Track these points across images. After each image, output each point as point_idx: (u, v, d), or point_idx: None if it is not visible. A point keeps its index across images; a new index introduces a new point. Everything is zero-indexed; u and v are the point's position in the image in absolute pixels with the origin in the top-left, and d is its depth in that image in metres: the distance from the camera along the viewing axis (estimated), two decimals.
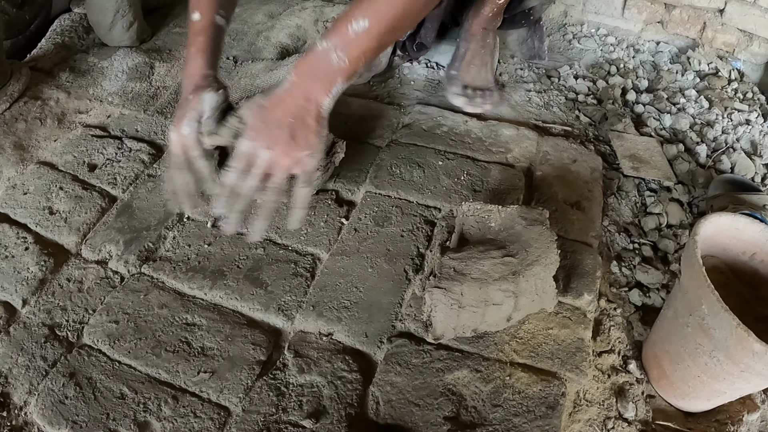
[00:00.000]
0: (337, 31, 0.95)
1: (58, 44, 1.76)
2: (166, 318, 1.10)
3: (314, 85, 0.96)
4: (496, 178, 1.36)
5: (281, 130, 0.96)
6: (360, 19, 0.93)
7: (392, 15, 0.95)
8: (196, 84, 1.09)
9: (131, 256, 1.20)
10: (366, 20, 0.93)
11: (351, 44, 0.95)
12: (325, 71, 0.96)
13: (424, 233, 1.23)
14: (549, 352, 1.06)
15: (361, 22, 0.93)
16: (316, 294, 1.13)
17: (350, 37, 0.94)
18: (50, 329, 1.11)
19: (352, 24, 0.93)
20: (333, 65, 0.95)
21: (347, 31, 0.94)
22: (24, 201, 1.33)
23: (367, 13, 0.94)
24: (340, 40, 0.95)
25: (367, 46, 0.96)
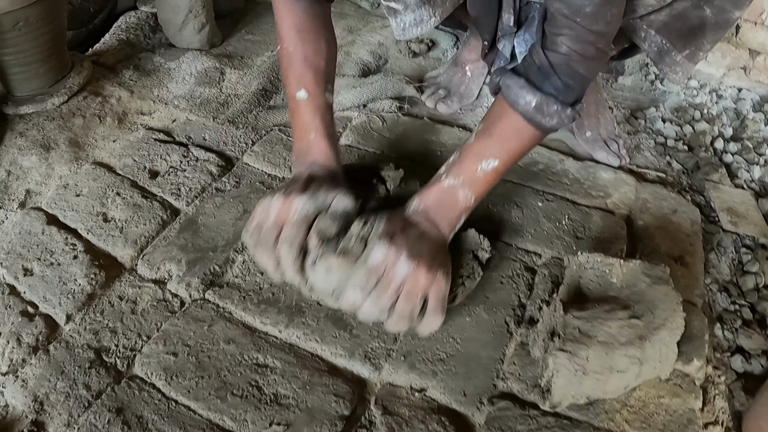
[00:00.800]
0: (464, 169, 0.94)
1: (122, 41, 1.62)
2: (234, 356, 0.92)
3: (440, 218, 0.94)
4: (598, 225, 1.19)
5: (422, 241, 0.90)
6: (491, 159, 0.93)
7: (519, 154, 0.97)
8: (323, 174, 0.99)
9: (194, 278, 1.03)
10: (496, 161, 0.93)
11: (479, 183, 0.94)
12: (451, 207, 0.95)
13: (525, 281, 1.05)
14: (661, 423, 0.88)
15: (492, 163, 0.93)
16: (408, 342, 0.94)
17: (478, 176, 0.94)
18: (96, 353, 0.94)
19: (482, 164, 0.93)
20: (459, 203, 0.94)
21: (476, 171, 0.94)
22: (76, 204, 1.17)
23: (498, 153, 0.94)
24: (468, 179, 0.94)
25: (490, 185, 0.96)
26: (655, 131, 1.62)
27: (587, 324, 0.88)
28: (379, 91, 1.37)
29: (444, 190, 0.94)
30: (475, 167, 0.93)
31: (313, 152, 1.01)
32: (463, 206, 0.95)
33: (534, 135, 0.95)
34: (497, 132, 0.95)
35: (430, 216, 0.93)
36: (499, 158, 0.93)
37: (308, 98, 1.02)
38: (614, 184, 1.30)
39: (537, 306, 1.01)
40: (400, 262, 0.86)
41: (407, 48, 1.54)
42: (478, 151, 0.94)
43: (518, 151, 0.96)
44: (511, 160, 0.96)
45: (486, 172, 0.94)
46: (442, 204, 0.94)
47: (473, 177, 0.94)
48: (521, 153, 0.97)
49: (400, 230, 0.90)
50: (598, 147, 1.36)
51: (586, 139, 1.38)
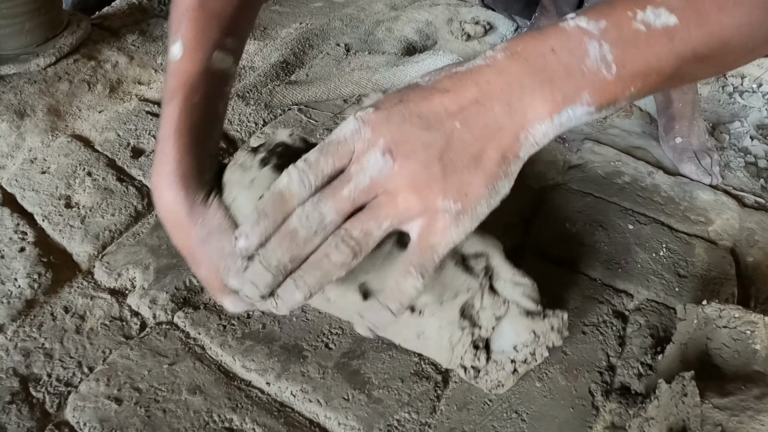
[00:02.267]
0: (612, 11, 0.45)
1: (133, 5, 1.32)
2: (199, 413, 0.60)
3: (536, 82, 0.44)
4: (703, 260, 0.84)
5: (432, 135, 0.44)
6: (662, 7, 0.44)
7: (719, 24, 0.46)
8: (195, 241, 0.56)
9: (162, 293, 0.71)
10: (671, 15, 0.44)
11: (632, 42, 0.45)
12: (568, 69, 0.44)
13: (614, 332, 0.71)
14: None
15: (663, 15, 0.44)
16: (452, 414, 0.61)
17: (634, 30, 0.44)
18: (23, 383, 0.64)
19: (647, 11, 0.44)
20: (588, 64, 0.44)
21: (631, 20, 0.44)
22: (39, 183, 0.87)
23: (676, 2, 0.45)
24: (614, 29, 0.44)
25: (656, 62, 0.45)
26: (742, 149, 1.28)
27: (733, 419, 0.53)
28: (427, 72, 1.04)
29: (566, 36, 0.45)
30: (631, 13, 0.45)
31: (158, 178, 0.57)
32: (593, 74, 0.44)
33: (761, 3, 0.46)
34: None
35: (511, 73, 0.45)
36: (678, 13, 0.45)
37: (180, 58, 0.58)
38: (715, 207, 0.96)
39: (635, 371, 0.67)
40: (372, 150, 0.44)
41: (461, 29, 1.22)
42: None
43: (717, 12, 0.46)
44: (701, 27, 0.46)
45: (651, 28, 0.45)
46: (551, 59, 0.44)
47: (624, 28, 0.45)
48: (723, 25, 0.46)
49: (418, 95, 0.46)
50: (687, 158, 1.02)
51: (674, 146, 1.04)
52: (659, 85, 0.47)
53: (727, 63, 0.53)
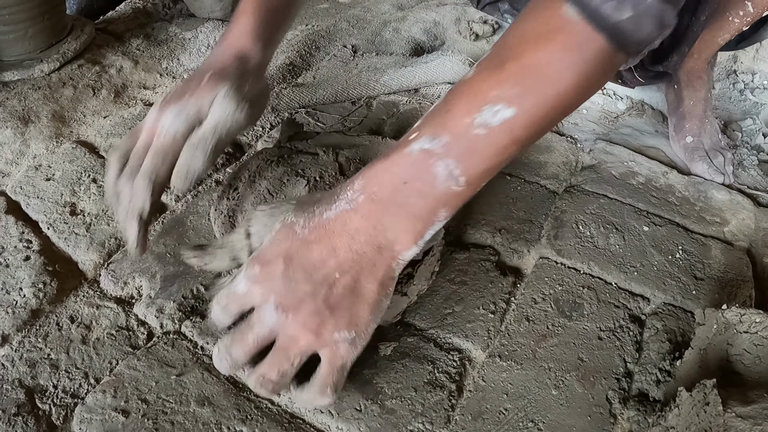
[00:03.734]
0: (452, 122, 0.49)
1: (137, 9, 1.32)
2: (207, 425, 0.59)
3: (397, 219, 0.50)
4: (719, 262, 0.82)
5: (315, 287, 0.51)
6: (500, 104, 0.47)
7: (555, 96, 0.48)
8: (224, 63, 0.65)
9: (169, 302, 0.70)
10: (510, 108, 0.47)
11: (477, 151, 0.49)
12: (422, 196, 0.50)
13: (631, 337, 0.70)
14: None
15: (501, 110, 0.47)
16: (466, 424, 0.60)
17: (476, 135, 0.48)
18: (29, 395, 0.63)
19: (483, 112, 0.47)
20: (438, 187, 0.49)
21: (471, 126, 0.48)
22: (44, 190, 0.86)
23: (513, 92, 0.48)
24: (456, 142, 0.49)
25: (501, 156, 0.50)
26: (755, 147, 1.26)
27: (756, 428, 0.52)
28: (435, 73, 1.03)
29: (412, 163, 0.50)
30: (468, 121, 0.48)
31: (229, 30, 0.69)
32: (444, 193, 0.50)
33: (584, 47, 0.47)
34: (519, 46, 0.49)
35: (373, 216, 0.50)
36: (515, 103, 0.48)
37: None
38: (730, 207, 0.94)
39: (653, 378, 0.66)
40: (266, 305, 0.51)
41: (469, 29, 1.20)
42: (478, 90, 0.49)
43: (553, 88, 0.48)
44: (539, 107, 0.48)
45: (490, 128, 0.48)
46: (404, 190, 0.50)
47: (464, 138, 0.49)
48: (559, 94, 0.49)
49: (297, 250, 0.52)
50: (698, 158, 1.00)
51: (685, 145, 1.02)
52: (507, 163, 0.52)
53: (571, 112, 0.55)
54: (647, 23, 0.47)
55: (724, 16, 0.98)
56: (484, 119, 0.48)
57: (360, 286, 0.51)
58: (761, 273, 0.87)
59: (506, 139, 0.48)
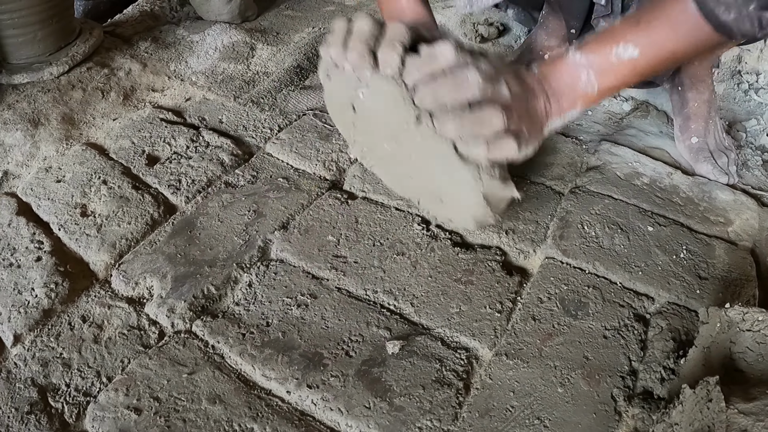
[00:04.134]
0: (598, 48, 0.71)
1: (145, 12, 1.33)
2: (219, 422, 0.60)
3: (553, 98, 0.72)
4: (723, 261, 0.83)
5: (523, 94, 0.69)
6: (629, 44, 0.69)
7: (670, 51, 0.70)
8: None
9: (180, 301, 0.71)
10: (635, 49, 0.69)
11: (608, 70, 0.71)
12: (569, 87, 0.72)
13: (635, 336, 0.71)
14: None
15: (630, 50, 0.69)
16: (474, 421, 0.61)
17: (611, 61, 0.70)
18: (41, 393, 0.65)
19: (619, 47, 0.70)
20: (579, 84, 0.72)
21: (610, 54, 0.70)
22: (54, 191, 0.88)
23: (640, 40, 0.69)
24: (598, 61, 0.71)
25: (624, 79, 0.72)
26: (759, 147, 1.27)
27: (758, 424, 0.53)
28: None
29: (567, 65, 0.72)
30: (608, 49, 0.70)
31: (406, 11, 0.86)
32: (583, 91, 0.72)
33: (696, 28, 0.67)
34: (648, 15, 0.69)
35: (544, 86, 0.72)
36: (640, 47, 0.68)
37: None
38: (734, 207, 0.94)
39: (657, 376, 0.67)
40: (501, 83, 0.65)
41: (474, 31, 1.21)
42: (617, 33, 0.70)
43: (669, 45, 0.69)
44: (656, 56, 0.69)
45: (621, 59, 0.69)
46: (561, 79, 0.72)
47: (603, 60, 0.70)
48: (672, 52, 0.69)
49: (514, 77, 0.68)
50: (703, 158, 1.00)
51: (690, 146, 1.02)
52: (628, 86, 0.77)
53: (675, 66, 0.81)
54: (746, 23, 0.64)
55: None
56: (618, 52, 0.69)
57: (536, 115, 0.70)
58: (765, 272, 0.88)
59: (629, 69, 0.69)
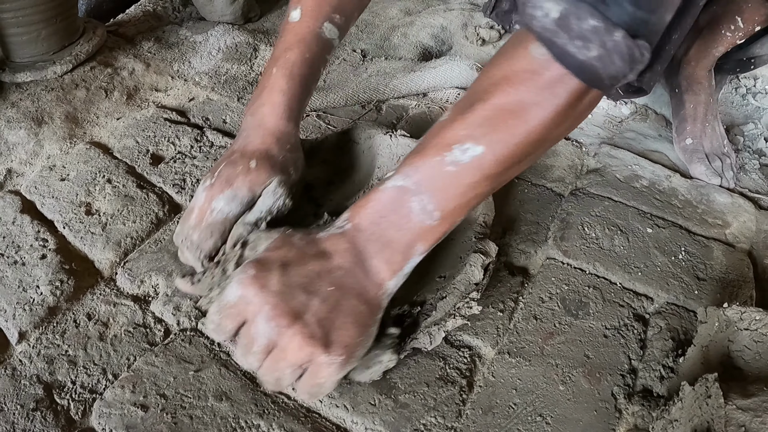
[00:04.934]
0: (423, 161, 0.54)
1: (148, 12, 1.34)
2: (226, 419, 0.61)
3: (377, 249, 0.55)
4: (721, 263, 0.85)
5: (309, 299, 0.54)
6: (468, 142, 0.52)
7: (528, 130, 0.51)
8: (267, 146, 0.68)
9: (186, 300, 0.72)
10: (478, 146, 0.52)
11: (448, 186, 0.53)
12: (397, 228, 0.55)
13: (635, 335, 0.72)
14: None
15: (470, 149, 0.52)
16: (477, 418, 0.62)
17: (446, 173, 0.53)
18: (47, 390, 0.65)
19: (453, 150, 0.52)
20: (412, 220, 0.54)
21: (443, 164, 0.53)
22: (59, 189, 0.88)
23: (480, 131, 0.52)
24: (428, 179, 0.53)
25: (473, 192, 0.54)
26: (756, 151, 1.29)
27: (756, 420, 0.54)
28: (443, 78, 1.05)
29: (388, 199, 0.55)
30: (439, 158, 0.53)
31: (264, 107, 0.70)
32: (419, 227, 0.54)
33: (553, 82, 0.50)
34: (484, 89, 0.53)
35: (358, 243, 0.55)
36: (483, 141, 0.51)
37: (298, 21, 0.72)
38: (732, 210, 0.96)
39: (657, 374, 0.68)
40: (260, 317, 0.53)
41: (476, 34, 1.22)
42: (446, 131, 0.54)
43: (522, 126, 0.51)
44: (511, 145, 0.52)
45: (461, 165, 0.52)
46: (382, 223, 0.55)
47: (437, 175, 0.53)
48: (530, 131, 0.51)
49: (293, 259, 0.55)
50: (697, 159, 1.02)
51: (684, 147, 1.04)
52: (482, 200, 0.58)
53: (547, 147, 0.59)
54: (616, 60, 0.48)
55: (718, 29, 1.02)
56: (454, 157, 0.52)
57: (352, 306, 0.54)
58: (762, 274, 0.90)
59: (477, 175, 0.53)
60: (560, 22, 0.47)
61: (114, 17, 1.36)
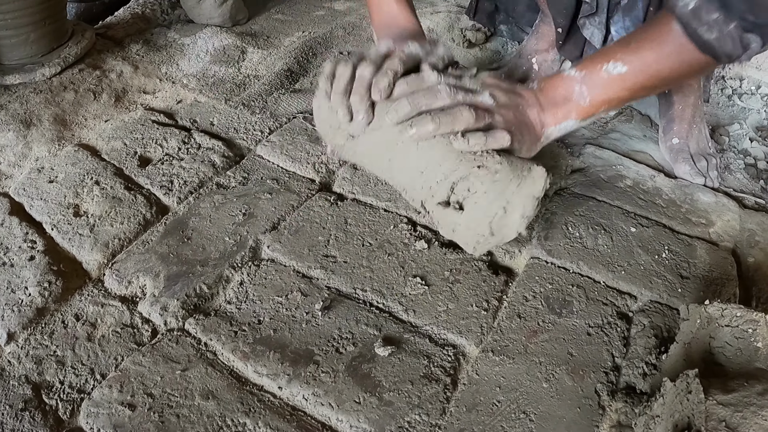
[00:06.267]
0: (590, 65, 0.78)
1: (136, 15, 1.34)
2: (212, 417, 0.61)
3: (548, 107, 0.78)
4: (704, 261, 0.85)
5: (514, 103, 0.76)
6: (618, 62, 0.75)
7: (656, 70, 0.75)
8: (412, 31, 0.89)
9: (173, 300, 0.72)
10: (624, 66, 0.75)
11: (599, 84, 0.77)
12: (563, 98, 0.78)
13: (618, 333, 0.73)
14: None
15: (618, 66, 0.75)
16: (461, 416, 0.62)
17: (600, 76, 0.77)
18: (35, 390, 0.65)
19: (609, 64, 0.76)
20: (572, 96, 0.78)
21: (600, 70, 0.76)
22: (47, 191, 0.88)
23: (628, 58, 0.75)
24: (589, 75, 0.77)
25: (614, 94, 0.77)
26: (741, 151, 1.30)
27: (737, 415, 0.55)
28: None
29: (563, 79, 0.78)
30: (600, 65, 0.76)
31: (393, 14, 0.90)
32: (576, 103, 0.77)
33: (681, 48, 0.72)
34: (639, 36, 0.76)
35: (539, 97, 0.78)
36: (627, 63, 0.74)
37: None
38: (716, 209, 0.97)
39: (640, 371, 0.69)
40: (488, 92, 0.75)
41: (462, 36, 1.23)
42: (609, 52, 0.77)
43: (655, 64, 0.74)
44: (643, 73, 0.74)
45: (610, 75, 0.75)
46: (556, 91, 0.78)
47: (595, 77, 0.76)
48: (658, 70, 0.74)
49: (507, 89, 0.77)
50: (682, 159, 1.03)
51: (670, 146, 1.05)
52: (623, 102, 0.79)
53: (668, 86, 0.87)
54: (728, 43, 0.69)
55: None
56: (608, 68, 0.75)
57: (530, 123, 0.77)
58: (746, 272, 0.91)
59: (619, 85, 0.75)
60: (694, 11, 0.69)
61: (103, 20, 1.36)
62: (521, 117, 0.76)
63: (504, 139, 0.72)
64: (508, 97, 0.76)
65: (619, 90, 0.76)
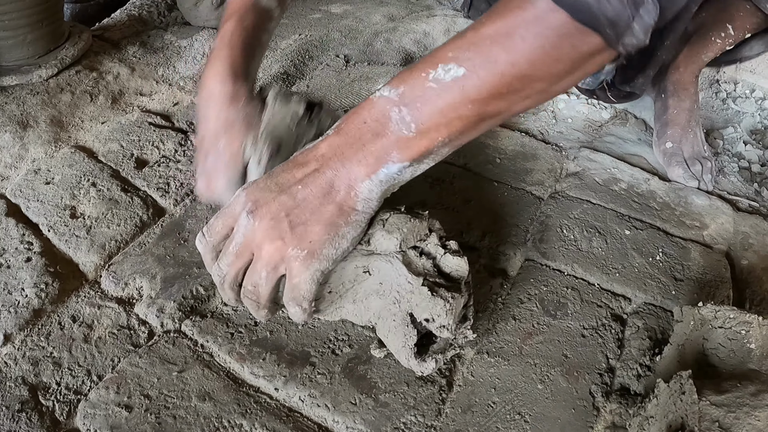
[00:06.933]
0: (409, 76, 0.54)
1: (133, 17, 1.34)
2: (209, 419, 0.61)
3: (354, 150, 0.56)
4: (698, 264, 0.86)
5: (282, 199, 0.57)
6: (451, 63, 0.51)
7: (509, 65, 0.51)
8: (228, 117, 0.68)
9: (170, 302, 0.72)
10: (460, 68, 0.51)
11: (426, 102, 0.53)
12: (374, 134, 0.55)
13: (613, 335, 0.73)
14: None
15: (452, 69, 0.51)
16: (456, 417, 0.63)
17: (427, 89, 0.52)
18: (32, 391, 0.65)
19: (438, 70, 0.52)
20: (388, 129, 0.55)
21: (424, 80, 0.53)
22: (43, 193, 0.88)
23: (465, 54, 0.52)
24: (410, 91, 0.53)
25: (453, 113, 0.53)
26: (735, 154, 1.31)
27: (730, 415, 0.56)
28: None
29: (371, 105, 0.55)
30: (424, 73, 0.52)
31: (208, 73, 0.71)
32: (395, 136, 0.54)
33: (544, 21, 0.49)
34: (477, 23, 0.53)
35: (340, 147, 0.56)
36: (466, 63, 0.51)
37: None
38: (710, 212, 0.98)
39: (634, 373, 0.69)
40: (243, 212, 0.58)
41: None
42: (437, 53, 0.53)
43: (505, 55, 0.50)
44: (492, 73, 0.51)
45: (442, 83, 0.51)
46: (361, 124, 0.56)
47: (418, 89, 0.53)
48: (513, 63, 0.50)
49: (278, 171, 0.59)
50: (676, 162, 1.04)
51: (664, 150, 1.06)
52: (470, 127, 0.55)
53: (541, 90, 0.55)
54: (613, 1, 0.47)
55: (707, 36, 1.03)
56: (437, 75, 0.52)
57: (319, 203, 0.56)
58: (739, 275, 0.92)
59: (458, 97, 0.52)
60: None
61: (100, 21, 1.36)
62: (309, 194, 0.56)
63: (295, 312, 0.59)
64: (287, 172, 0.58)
65: (459, 105, 0.52)
